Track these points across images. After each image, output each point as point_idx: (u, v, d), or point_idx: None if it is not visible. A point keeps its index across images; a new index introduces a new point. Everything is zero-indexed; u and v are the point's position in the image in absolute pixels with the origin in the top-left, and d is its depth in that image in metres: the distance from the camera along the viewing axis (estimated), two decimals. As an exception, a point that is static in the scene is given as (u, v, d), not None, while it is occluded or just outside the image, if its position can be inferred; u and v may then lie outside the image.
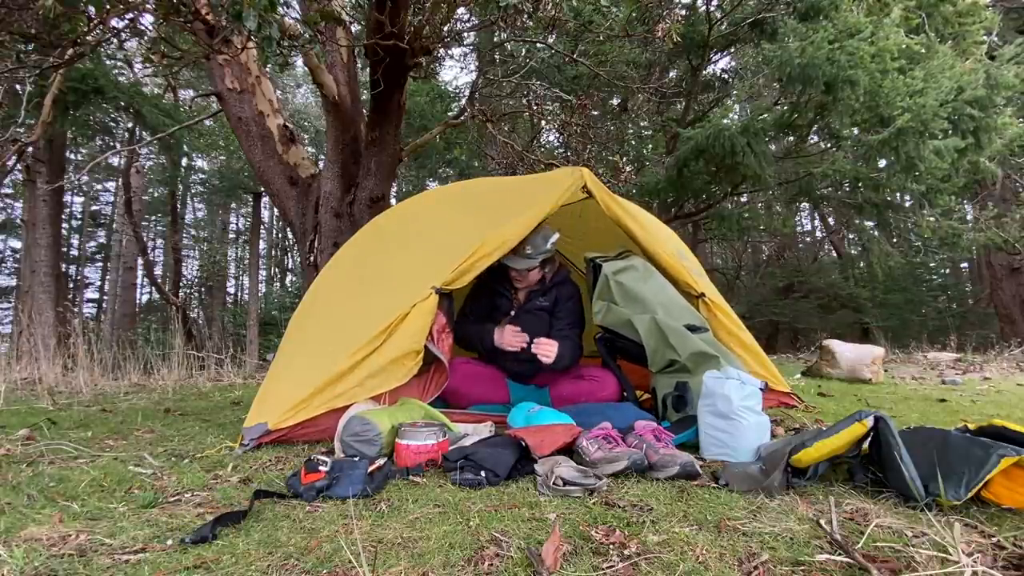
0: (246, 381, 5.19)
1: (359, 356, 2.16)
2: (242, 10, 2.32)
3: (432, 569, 1.06)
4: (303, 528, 1.28)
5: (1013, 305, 10.03)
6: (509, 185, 3.15)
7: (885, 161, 6.77)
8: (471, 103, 6.54)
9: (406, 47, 3.95)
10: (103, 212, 19.05)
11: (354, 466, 1.59)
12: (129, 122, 10.14)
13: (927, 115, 5.62)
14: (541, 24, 5.69)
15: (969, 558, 1.06)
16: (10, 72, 4.49)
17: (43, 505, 1.46)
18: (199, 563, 1.09)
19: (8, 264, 16.56)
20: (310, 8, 4.72)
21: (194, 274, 21.22)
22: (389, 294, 2.37)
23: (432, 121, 8.73)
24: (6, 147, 5.42)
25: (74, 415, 2.96)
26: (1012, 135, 6.31)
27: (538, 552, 1.10)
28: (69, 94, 6.36)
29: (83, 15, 3.17)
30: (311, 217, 5.08)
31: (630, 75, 8.49)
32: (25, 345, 5.08)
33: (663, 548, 1.15)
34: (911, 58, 6.15)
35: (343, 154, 5.02)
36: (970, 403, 3.32)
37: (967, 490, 1.33)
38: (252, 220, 17.58)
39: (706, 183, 7.89)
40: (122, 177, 11.87)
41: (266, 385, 2.45)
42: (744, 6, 7.84)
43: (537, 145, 9.72)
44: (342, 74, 5.17)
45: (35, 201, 7.67)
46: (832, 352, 4.80)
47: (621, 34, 6.92)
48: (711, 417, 1.97)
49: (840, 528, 1.27)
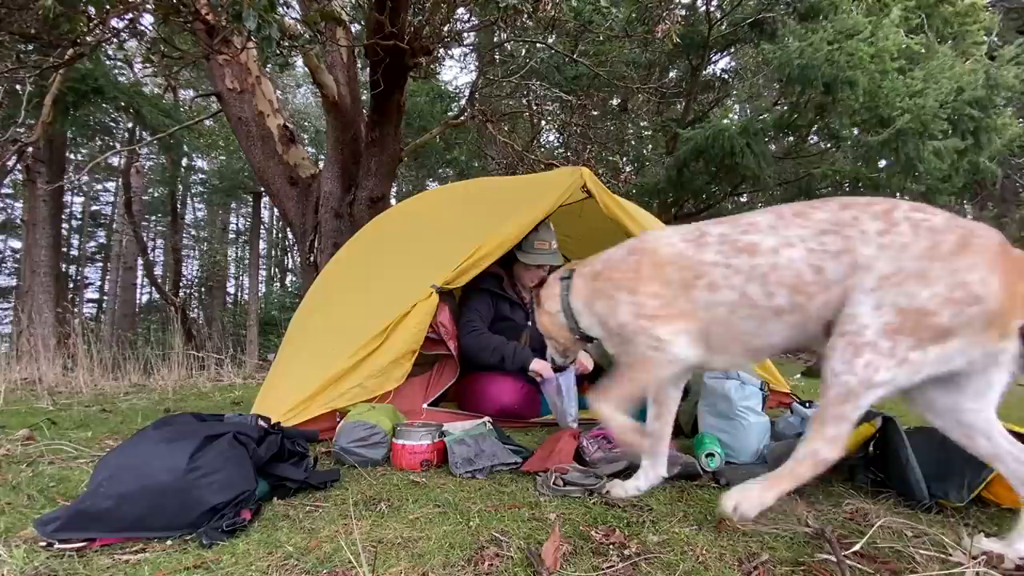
0: (246, 381, 5.19)
1: (360, 355, 2.17)
2: (242, 10, 2.32)
3: (432, 569, 1.06)
4: (303, 528, 1.28)
5: (1013, 305, 10.01)
6: (509, 185, 3.15)
7: (885, 161, 6.77)
8: (471, 103, 6.54)
9: (406, 47, 3.95)
10: (103, 212, 19.05)
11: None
12: (129, 122, 10.15)
13: (927, 116, 5.62)
14: (541, 24, 5.70)
15: (973, 560, 1.06)
16: (10, 72, 4.49)
17: (43, 505, 1.46)
18: (199, 563, 1.09)
19: (8, 264, 16.56)
20: (310, 8, 4.72)
21: (194, 274, 21.24)
22: (389, 293, 2.37)
23: (432, 121, 8.73)
24: (6, 147, 5.42)
25: (74, 415, 2.96)
26: (1012, 135, 6.30)
27: (538, 552, 1.10)
28: (69, 94, 6.36)
29: (83, 15, 3.17)
30: (311, 217, 5.09)
31: (630, 75, 8.49)
32: (25, 345, 5.08)
33: (663, 548, 1.15)
34: (911, 58, 6.15)
35: (343, 154, 5.02)
36: (970, 403, 3.31)
37: (969, 491, 1.33)
38: (252, 220, 17.59)
39: (706, 183, 7.89)
40: (122, 177, 11.87)
41: (267, 384, 2.45)
42: (744, 6, 7.84)
43: (537, 145, 9.72)
44: (342, 74, 5.17)
45: (35, 201, 7.67)
46: (832, 352, 4.79)
47: (621, 34, 6.92)
48: (711, 417, 1.96)
49: (840, 528, 1.27)
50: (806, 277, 1.27)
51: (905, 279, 1.18)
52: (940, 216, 1.23)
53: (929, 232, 1.20)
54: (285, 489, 1.52)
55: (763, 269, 1.30)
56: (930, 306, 1.15)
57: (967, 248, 1.17)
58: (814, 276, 1.26)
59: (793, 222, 1.32)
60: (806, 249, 1.27)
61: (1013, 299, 1.14)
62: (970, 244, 1.17)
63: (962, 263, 1.16)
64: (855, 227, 1.25)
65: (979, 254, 1.16)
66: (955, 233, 1.19)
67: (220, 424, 1.53)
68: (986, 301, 1.13)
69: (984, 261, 1.15)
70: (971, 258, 1.16)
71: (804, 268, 1.27)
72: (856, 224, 1.25)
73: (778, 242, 1.30)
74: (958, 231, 1.20)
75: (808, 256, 1.27)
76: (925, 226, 1.21)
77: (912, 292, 1.16)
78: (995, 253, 1.16)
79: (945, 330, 1.14)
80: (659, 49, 8.41)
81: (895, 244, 1.21)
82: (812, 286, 1.26)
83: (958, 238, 1.18)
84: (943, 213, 1.25)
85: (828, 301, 1.25)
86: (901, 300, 1.17)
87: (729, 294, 1.34)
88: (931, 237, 1.20)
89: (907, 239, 1.20)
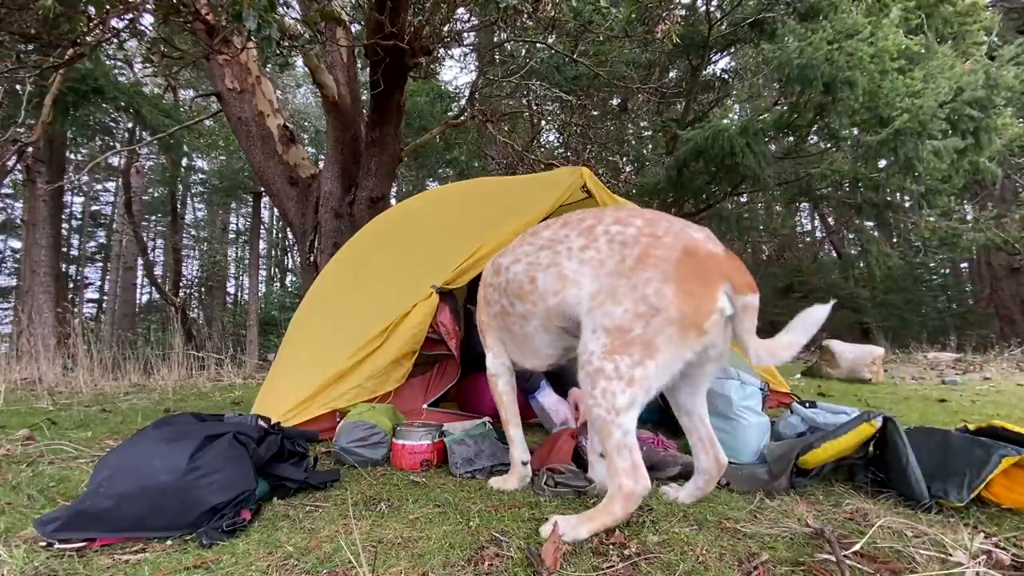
0: (246, 381, 5.19)
1: (360, 356, 2.17)
2: (242, 10, 2.32)
3: (432, 569, 1.06)
4: (303, 528, 1.28)
5: (1013, 305, 10.03)
6: (509, 185, 3.15)
7: (884, 161, 6.77)
8: (471, 103, 6.54)
9: (406, 47, 3.95)
10: (103, 212, 19.05)
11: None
12: (129, 122, 10.15)
13: (926, 116, 5.62)
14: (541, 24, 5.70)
15: (973, 560, 1.06)
16: (10, 72, 4.49)
17: (43, 505, 1.46)
18: (199, 563, 1.09)
19: (8, 264, 16.56)
20: (310, 8, 4.72)
21: (194, 274, 21.23)
22: (389, 293, 2.37)
23: (432, 121, 8.74)
24: (6, 147, 5.42)
25: (74, 415, 2.96)
26: (1012, 135, 6.30)
27: (538, 552, 1.10)
28: (69, 94, 6.36)
29: (83, 15, 3.17)
30: (311, 217, 5.09)
31: (630, 75, 8.49)
32: (25, 345, 5.08)
33: (663, 548, 1.15)
34: (910, 59, 6.15)
35: (343, 154, 5.02)
36: (970, 403, 3.32)
37: (969, 491, 1.33)
38: (252, 220, 17.58)
39: (706, 183, 7.88)
40: (122, 177, 11.87)
41: (267, 384, 2.45)
42: (744, 6, 7.83)
43: (537, 145, 9.71)
44: (342, 74, 5.17)
45: (35, 201, 7.67)
46: (832, 352, 4.80)
47: (621, 34, 6.92)
48: (711, 417, 1.96)
49: (840, 528, 1.27)
50: (525, 287, 1.46)
51: (604, 298, 1.26)
52: (634, 227, 1.30)
53: (620, 247, 1.28)
54: (285, 489, 1.52)
55: (503, 284, 1.55)
56: (625, 323, 1.21)
57: (644, 261, 1.24)
58: (530, 286, 1.45)
59: (525, 240, 1.54)
60: (527, 263, 1.47)
61: (691, 303, 1.20)
62: (648, 256, 1.25)
63: (640, 277, 1.23)
64: (564, 243, 1.39)
65: (654, 266, 1.23)
66: (639, 245, 1.26)
67: (220, 424, 1.53)
68: (666, 310, 1.20)
69: (658, 273, 1.22)
70: (647, 272, 1.23)
71: (524, 279, 1.47)
72: (566, 241, 1.39)
73: (511, 260, 1.54)
74: (642, 243, 1.27)
75: (527, 269, 1.47)
76: (618, 240, 1.30)
77: (610, 311, 1.24)
78: (672, 262, 1.23)
79: (648, 343, 1.20)
80: (659, 49, 8.41)
81: (594, 260, 1.32)
82: (532, 295, 1.45)
83: (640, 251, 1.26)
84: (641, 219, 1.32)
85: (551, 309, 1.41)
86: (605, 320, 1.24)
87: (496, 306, 1.60)
88: (620, 252, 1.28)
89: (603, 255, 1.30)
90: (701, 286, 1.21)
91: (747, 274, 1.27)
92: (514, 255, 1.54)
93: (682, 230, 1.29)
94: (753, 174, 6.68)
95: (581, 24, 6.61)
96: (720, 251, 1.28)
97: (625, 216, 1.35)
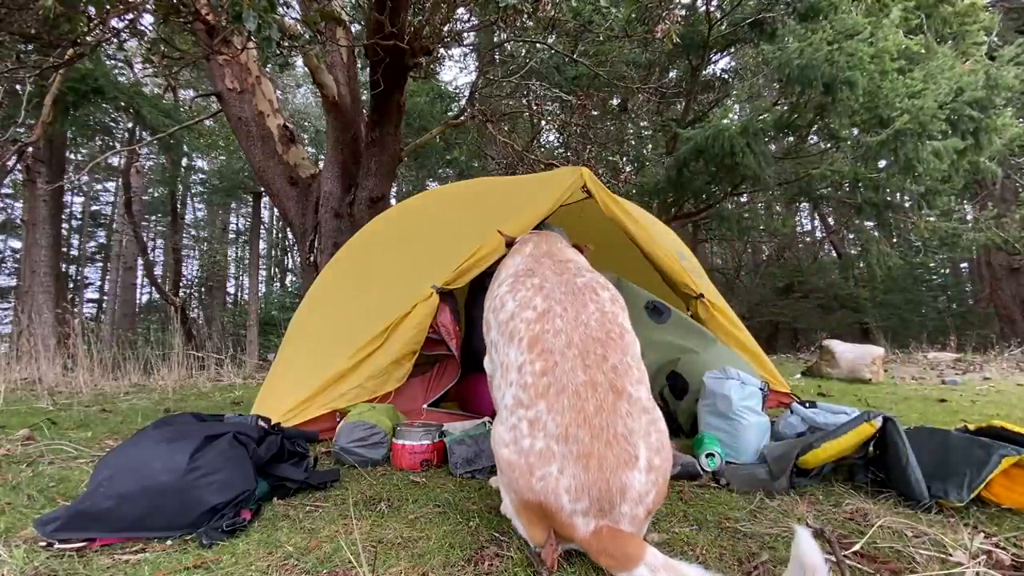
0: (246, 381, 5.19)
1: (360, 356, 2.16)
2: (242, 11, 2.32)
3: (432, 569, 1.06)
4: (303, 528, 1.28)
5: (1013, 305, 10.03)
6: (509, 185, 3.15)
7: (884, 162, 6.77)
8: (471, 103, 6.54)
9: (406, 47, 3.95)
10: (103, 212, 19.04)
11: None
12: (129, 122, 10.15)
13: (926, 116, 5.62)
14: (541, 24, 5.70)
15: (973, 560, 1.06)
16: (10, 72, 4.49)
17: (43, 505, 1.46)
18: (199, 563, 1.09)
19: (8, 264, 16.55)
20: (310, 8, 4.72)
21: (194, 274, 21.22)
22: (390, 293, 2.36)
23: (432, 121, 8.73)
24: (6, 147, 5.42)
25: (74, 415, 2.96)
26: (1012, 135, 6.30)
27: (538, 552, 1.10)
28: (69, 94, 6.36)
29: (83, 15, 3.17)
30: (311, 217, 5.09)
31: (630, 75, 8.49)
32: (25, 345, 5.08)
33: (663, 548, 1.15)
34: (910, 59, 6.15)
35: (343, 154, 5.02)
36: (970, 403, 3.32)
37: (969, 491, 1.33)
38: (252, 220, 17.59)
39: (706, 183, 7.89)
40: (122, 177, 11.87)
41: (267, 384, 2.44)
42: (744, 6, 7.83)
43: (537, 145, 9.71)
44: (342, 74, 5.17)
45: (35, 201, 7.67)
46: (832, 352, 4.80)
47: (621, 34, 6.92)
48: (711, 417, 1.96)
49: (840, 528, 1.27)
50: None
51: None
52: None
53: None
54: (285, 489, 1.52)
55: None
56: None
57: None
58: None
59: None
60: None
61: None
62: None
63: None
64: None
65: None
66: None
67: (220, 424, 1.53)
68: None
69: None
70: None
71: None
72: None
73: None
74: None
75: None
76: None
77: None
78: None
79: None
80: (659, 49, 8.41)
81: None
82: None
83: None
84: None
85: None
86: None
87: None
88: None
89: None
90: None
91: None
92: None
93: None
94: (753, 174, 6.68)
95: (581, 24, 6.61)
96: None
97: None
